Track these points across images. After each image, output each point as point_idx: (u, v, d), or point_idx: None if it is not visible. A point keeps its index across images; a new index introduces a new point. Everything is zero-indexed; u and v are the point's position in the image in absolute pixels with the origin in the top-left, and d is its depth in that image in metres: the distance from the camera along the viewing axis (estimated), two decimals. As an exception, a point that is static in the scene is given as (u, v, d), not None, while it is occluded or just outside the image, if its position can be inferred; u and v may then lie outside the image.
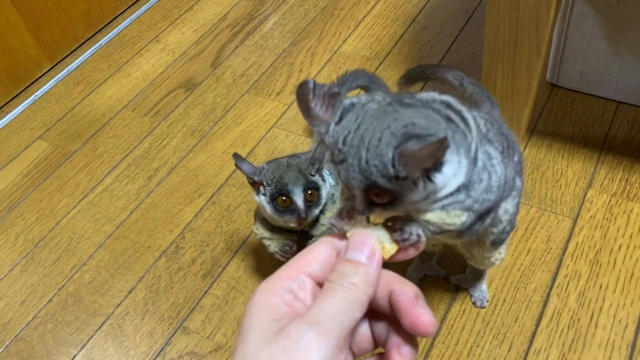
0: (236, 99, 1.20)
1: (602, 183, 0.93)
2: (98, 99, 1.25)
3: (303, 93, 0.42)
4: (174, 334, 0.84)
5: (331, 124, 0.43)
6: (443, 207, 0.47)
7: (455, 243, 0.71)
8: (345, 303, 0.35)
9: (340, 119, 0.43)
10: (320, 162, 0.75)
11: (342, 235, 0.39)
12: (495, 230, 0.63)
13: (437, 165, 0.42)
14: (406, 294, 0.36)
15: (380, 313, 0.38)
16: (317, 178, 0.75)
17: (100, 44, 1.39)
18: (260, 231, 0.81)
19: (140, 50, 1.36)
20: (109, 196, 1.05)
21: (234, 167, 1.06)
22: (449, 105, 0.45)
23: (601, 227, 0.88)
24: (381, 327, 0.38)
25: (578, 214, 0.90)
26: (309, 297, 0.37)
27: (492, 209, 0.53)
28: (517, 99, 0.90)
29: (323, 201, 0.76)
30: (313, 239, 0.79)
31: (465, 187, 0.47)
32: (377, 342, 0.39)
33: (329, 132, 0.42)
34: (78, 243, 0.98)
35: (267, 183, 0.74)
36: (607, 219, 0.89)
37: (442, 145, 0.38)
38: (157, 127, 1.17)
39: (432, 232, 0.48)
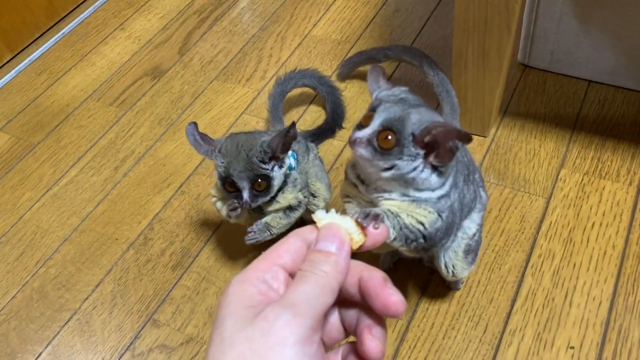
0: (204, 85, 1.17)
1: (575, 162, 0.93)
2: (61, 89, 1.21)
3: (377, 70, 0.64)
4: (143, 327, 0.82)
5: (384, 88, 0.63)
6: (415, 201, 0.59)
7: (421, 256, 0.72)
8: (318, 289, 0.37)
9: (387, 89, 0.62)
10: (275, 151, 0.72)
11: (316, 227, 0.41)
12: (466, 237, 0.69)
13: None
14: (375, 278, 0.39)
15: (349, 302, 0.41)
16: (268, 167, 0.72)
17: (64, 33, 1.35)
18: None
19: (105, 38, 1.32)
20: (74, 188, 1.02)
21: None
22: None
23: (574, 205, 0.87)
24: (351, 315, 0.41)
25: (551, 193, 0.89)
26: (282, 287, 0.39)
27: (452, 227, 0.64)
28: (488, 78, 0.89)
29: (274, 189, 0.74)
30: (266, 214, 0.78)
31: (427, 203, 0.60)
32: (347, 331, 0.42)
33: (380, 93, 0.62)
34: (42, 237, 0.95)
35: (219, 163, 0.73)
36: (580, 197, 0.88)
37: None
38: (123, 117, 1.13)
39: (402, 228, 0.58)
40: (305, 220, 0.82)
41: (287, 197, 0.77)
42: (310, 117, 1.07)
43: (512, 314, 0.77)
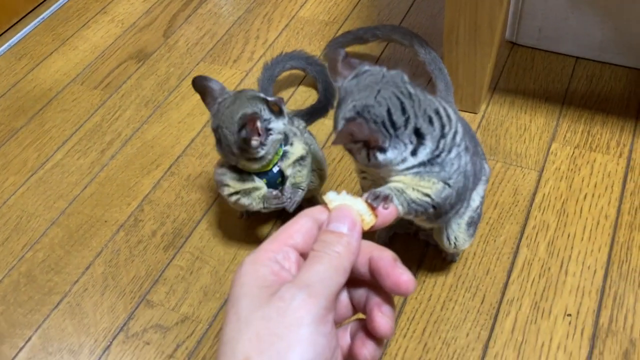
0: (191, 67, 1.15)
1: (565, 136, 0.94)
2: (43, 74, 1.18)
3: (335, 56, 0.60)
4: (136, 307, 0.80)
5: (347, 78, 0.60)
6: (419, 173, 0.59)
7: (434, 226, 0.72)
8: (331, 269, 0.37)
9: (351, 79, 0.59)
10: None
11: (326, 208, 0.42)
12: (470, 209, 0.70)
13: (372, 145, 0.58)
14: (385, 258, 0.39)
15: (359, 280, 0.41)
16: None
17: (43, 17, 1.31)
18: (230, 185, 0.76)
19: (87, 22, 1.29)
20: (60, 172, 0.99)
21: (193, 137, 1.02)
22: (437, 111, 0.60)
23: (566, 178, 0.88)
24: (360, 294, 0.42)
25: (543, 166, 0.90)
26: (293, 267, 0.40)
27: (466, 191, 0.64)
28: (480, 54, 0.89)
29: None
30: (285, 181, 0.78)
31: (438, 164, 0.59)
32: (356, 308, 0.43)
33: (343, 83, 0.59)
34: (28, 221, 0.93)
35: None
36: (572, 170, 0.89)
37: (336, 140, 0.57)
38: (109, 100, 1.11)
39: (410, 204, 0.59)
40: (315, 201, 0.82)
41: (297, 147, 0.76)
42: (301, 97, 1.06)
43: (509, 284, 0.78)
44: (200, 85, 0.76)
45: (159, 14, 1.28)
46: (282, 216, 0.89)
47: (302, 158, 0.77)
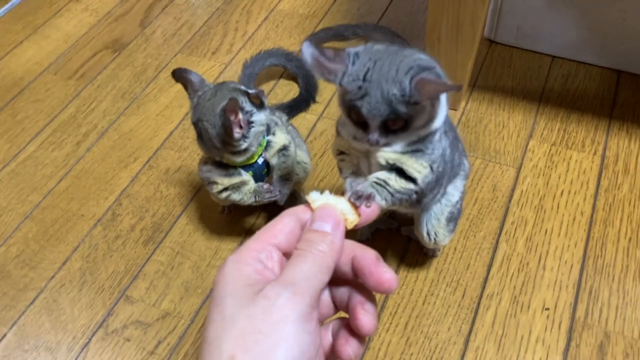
0: (169, 59, 1.13)
1: (542, 133, 0.96)
2: (14, 62, 1.14)
3: (312, 51, 0.52)
4: (116, 303, 0.79)
5: (348, 67, 0.53)
6: (414, 152, 0.59)
7: (412, 212, 0.72)
8: (315, 267, 0.38)
9: (353, 63, 0.54)
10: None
11: (309, 207, 0.42)
12: (449, 205, 0.71)
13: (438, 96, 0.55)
14: (368, 257, 0.40)
15: (341, 279, 0.42)
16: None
17: (13, 4, 1.27)
18: (218, 182, 0.75)
19: (59, 10, 1.26)
20: (34, 164, 0.97)
21: (172, 130, 1.01)
22: None
23: (544, 174, 0.90)
24: (342, 292, 0.42)
25: (521, 163, 0.92)
26: (276, 266, 0.40)
27: (443, 176, 0.64)
28: (461, 50, 0.90)
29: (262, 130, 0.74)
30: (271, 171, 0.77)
31: (431, 144, 0.59)
32: (338, 307, 0.43)
33: (346, 73, 0.53)
34: (0, 215, 0.90)
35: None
36: (549, 167, 0.91)
37: (454, 88, 0.51)
38: (84, 90, 1.08)
39: (392, 195, 0.59)
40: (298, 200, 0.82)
41: (280, 137, 0.76)
42: (282, 90, 1.05)
43: (489, 279, 0.79)
44: (180, 77, 0.75)
45: (134, 3, 1.26)
46: (264, 210, 0.88)
47: (285, 148, 0.77)
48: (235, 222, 0.87)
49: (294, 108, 1.00)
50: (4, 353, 0.75)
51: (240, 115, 0.70)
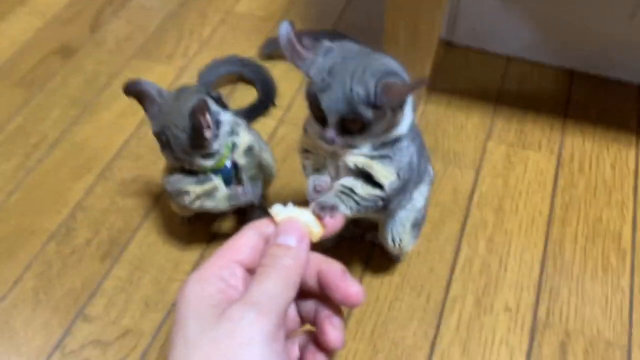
0: (122, 64, 1.10)
1: (500, 134, 0.97)
2: (-45, 70, 1.09)
3: (288, 32, 0.53)
4: (73, 323, 0.76)
5: (318, 56, 0.53)
6: (382, 158, 0.59)
7: (377, 218, 0.72)
8: (280, 284, 0.37)
9: (325, 55, 0.54)
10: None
11: (272, 221, 0.42)
12: (414, 210, 0.71)
13: (402, 104, 0.56)
14: (334, 270, 0.40)
15: (307, 293, 0.41)
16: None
17: (-48, 7, 1.21)
18: (190, 190, 0.73)
19: (4, 13, 1.20)
20: (-20, 178, 0.92)
21: (126, 138, 0.98)
22: None
23: (502, 176, 0.91)
24: (309, 306, 0.42)
25: (480, 165, 0.93)
26: (240, 283, 0.39)
27: (409, 183, 0.65)
28: (419, 55, 0.91)
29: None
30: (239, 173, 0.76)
31: (399, 151, 0.60)
32: (304, 320, 0.43)
33: (315, 63, 0.53)
34: (-55, 233, 0.85)
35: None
36: (507, 167, 0.92)
37: (419, 84, 0.55)
38: (32, 99, 1.04)
39: (358, 203, 0.59)
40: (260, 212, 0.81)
41: (244, 137, 0.75)
42: (240, 94, 1.04)
43: (452, 282, 0.80)
44: (135, 90, 0.72)
45: (83, 6, 1.21)
46: (225, 220, 0.86)
47: (250, 148, 0.76)
48: (196, 233, 0.85)
49: (253, 112, 0.98)
50: (-47, 381, 0.71)
51: (208, 116, 0.68)
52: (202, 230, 0.85)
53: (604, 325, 0.75)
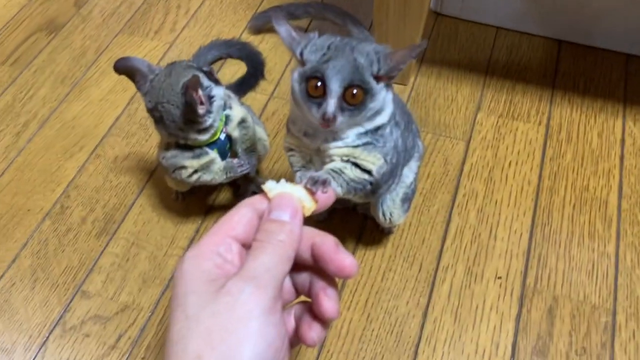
0: (109, 40, 1.09)
1: (490, 105, 0.98)
2: (-61, 48, 1.07)
3: (287, 31, 0.57)
4: (72, 299, 0.77)
5: (313, 37, 0.57)
6: (366, 146, 0.60)
7: (369, 201, 0.73)
8: (276, 258, 0.38)
9: (319, 37, 0.57)
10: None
11: (265, 197, 0.42)
12: (404, 186, 0.72)
13: (393, 78, 0.58)
14: (327, 243, 0.41)
15: (301, 265, 0.42)
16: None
17: None
18: (187, 165, 0.74)
19: (-15, -11, 1.18)
20: (-29, 158, 0.92)
21: (117, 115, 0.98)
22: None
23: (492, 147, 0.92)
24: (303, 278, 0.43)
25: (470, 136, 0.94)
26: (236, 258, 0.39)
27: (397, 167, 0.66)
28: (409, 26, 0.90)
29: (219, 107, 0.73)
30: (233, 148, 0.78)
31: (382, 137, 0.61)
32: (299, 292, 0.44)
33: (310, 43, 0.56)
34: (-61, 214, 0.85)
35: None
36: (497, 138, 0.93)
37: (419, 47, 0.56)
38: (20, 77, 1.03)
39: (348, 183, 0.60)
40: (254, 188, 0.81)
41: (237, 110, 0.76)
42: (229, 70, 1.03)
43: (444, 252, 0.81)
44: (124, 67, 0.72)
45: (67, -20, 1.19)
46: (219, 194, 0.87)
47: (243, 120, 0.77)
48: (191, 208, 0.86)
49: (243, 85, 0.98)
50: (-45, 359, 0.73)
51: (201, 91, 0.68)
52: (196, 205, 0.86)
53: (590, 290, 0.77)
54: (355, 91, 0.55)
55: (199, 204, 0.86)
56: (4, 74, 1.03)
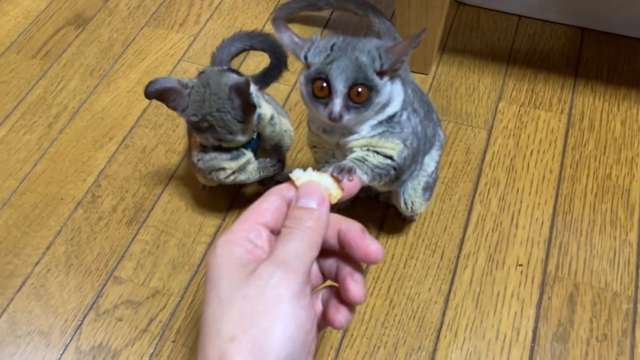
0: (135, 32, 1.11)
1: (511, 94, 0.98)
2: (-27, 42, 1.11)
3: (290, 37, 0.59)
4: (104, 285, 0.80)
5: (316, 40, 0.59)
6: (382, 134, 0.62)
7: (392, 189, 0.74)
8: (305, 244, 0.39)
9: (322, 39, 0.59)
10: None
11: (293, 185, 0.44)
12: (425, 175, 0.73)
13: (397, 71, 0.59)
14: (353, 230, 0.42)
15: (328, 251, 0.44)
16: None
17: (-36, -21, 1.22)
18: (226, 167, 0.75)
19: (15, -16, 1.21)
20: (6, 149, 0.95)
21: (145, 107, 1.00)
22: None
23: (513, 135, 0.93)
24: (330, 263, 0.44)
25: (492, 125, 0.94)
26: (266, 244, 0.41)
27: (418, 152, 0.67)
28: (431, 15, 0.91)
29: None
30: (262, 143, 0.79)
31: (398, 124, 0.62)
32: (326, 277, 0.45)
33: (313, 46, 0.58)
34: (-23, 203, 0.89)
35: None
36: (518, 127, 0.94)
37: (418, 36, 0.56)
38: (50, 70, 1.06)
39: (372, 170, 0.61)
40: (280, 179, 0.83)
41: (266, 107, 0.76)
42: (253, 62, 1.05)
43: (465, 240, 0.83)
44: (156, 91, 0.69)
45: (94, -26, 1.22)
46: (242, 186, 0.89)
47: (272, 117, 0.78)
48: (217, 198, 0.88)
49: (266, 77, 1.00)
50: (-3, 340, 0.76)
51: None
52: (222, 194, 0.88)
53: (611, 277, 0.78)
54: (359, 89, 0.56)
55: (225, 193, 0.89)
56: (35, 68, 1.06)
